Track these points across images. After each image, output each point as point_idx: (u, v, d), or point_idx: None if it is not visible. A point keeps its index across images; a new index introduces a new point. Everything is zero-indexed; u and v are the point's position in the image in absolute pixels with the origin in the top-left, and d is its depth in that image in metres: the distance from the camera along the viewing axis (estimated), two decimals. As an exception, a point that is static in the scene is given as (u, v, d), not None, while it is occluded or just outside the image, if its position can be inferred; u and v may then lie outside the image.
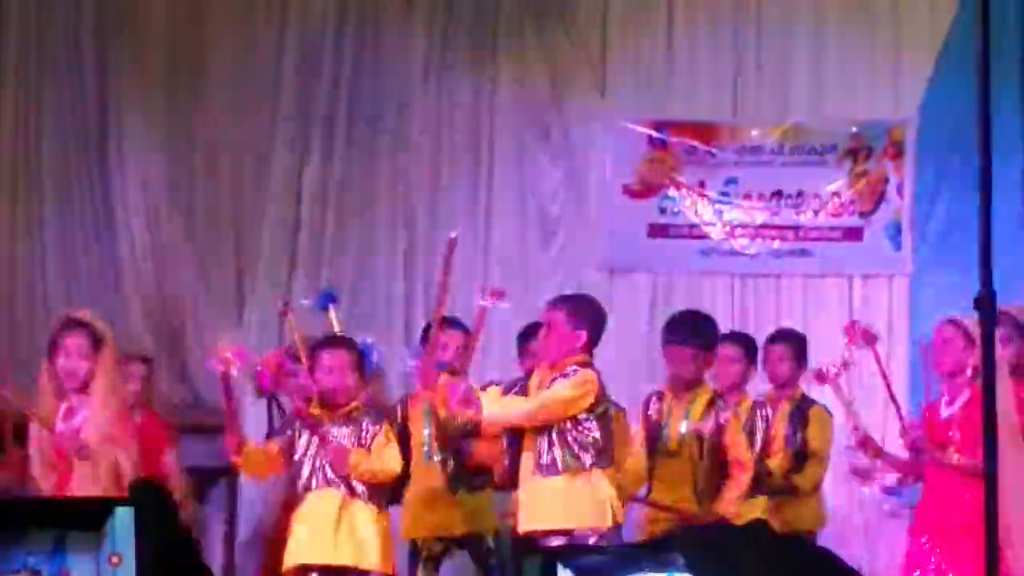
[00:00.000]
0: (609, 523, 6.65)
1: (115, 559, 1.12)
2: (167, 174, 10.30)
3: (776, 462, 7.95)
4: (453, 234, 7.26)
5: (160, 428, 7.80)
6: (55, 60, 10.14)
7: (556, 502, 6.69)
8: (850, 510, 9.50)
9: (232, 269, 10.37)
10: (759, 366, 8.29)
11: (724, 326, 10.08)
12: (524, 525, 6.81)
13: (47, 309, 9.89)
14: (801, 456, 8.10)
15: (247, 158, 10.41)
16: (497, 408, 6.81)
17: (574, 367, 6.79)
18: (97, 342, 6.71)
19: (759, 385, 8.43)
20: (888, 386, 7.42)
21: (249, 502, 9.60)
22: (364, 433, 6.93)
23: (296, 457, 6.95)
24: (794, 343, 8.40)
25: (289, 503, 7.26)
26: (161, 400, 8.62)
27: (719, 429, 7.30)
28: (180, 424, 8.32)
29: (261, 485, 8.65)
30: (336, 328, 7.46)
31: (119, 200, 10.17)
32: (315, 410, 6.98)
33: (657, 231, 10.28)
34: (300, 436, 6.97)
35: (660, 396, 7.48)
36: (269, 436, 7.35)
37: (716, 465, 7.28)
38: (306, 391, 7.02)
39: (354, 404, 7.01)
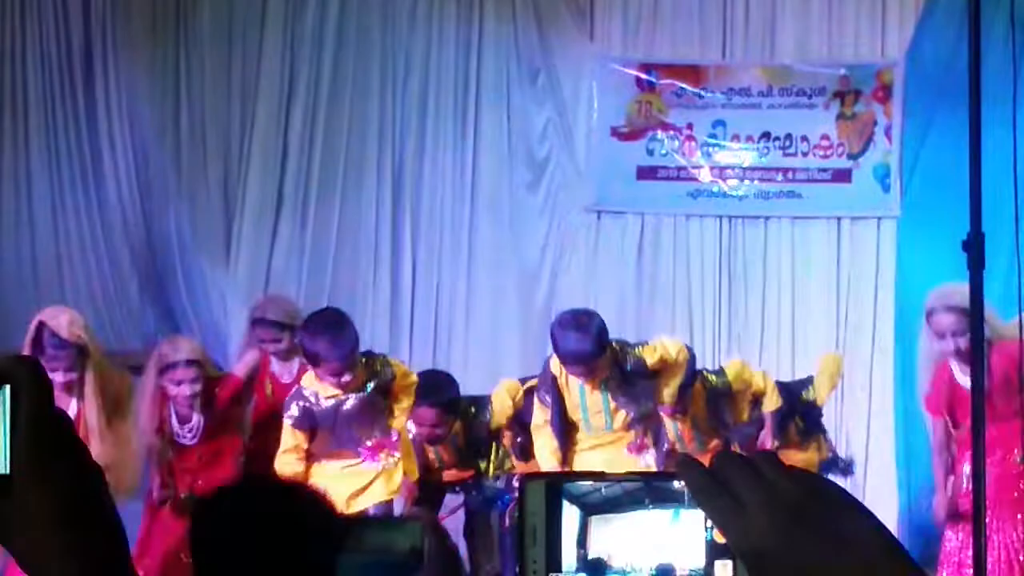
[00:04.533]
0: None
1: None
2: (153, 115, 10.26)
3: None
4: None
5: None
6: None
7: None
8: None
9: (220, 211, 10.35)
10: None
11: (712, 268, 10.15)
12: None
13: (34, 253, 9.88)
14: None
15: (234, 98, 10.36)
16: None
17: None
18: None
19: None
20: None
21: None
22: None
23: None
24: None
25: None
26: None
27: None
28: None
29: None
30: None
31: (106, 142, 10.13)
32: None
33: (645, 173, 10.28)
34: None
35: None
36: None
37: None
38: None
39: None
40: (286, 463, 7.01)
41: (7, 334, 7.36)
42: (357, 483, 7.03)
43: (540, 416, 7.22)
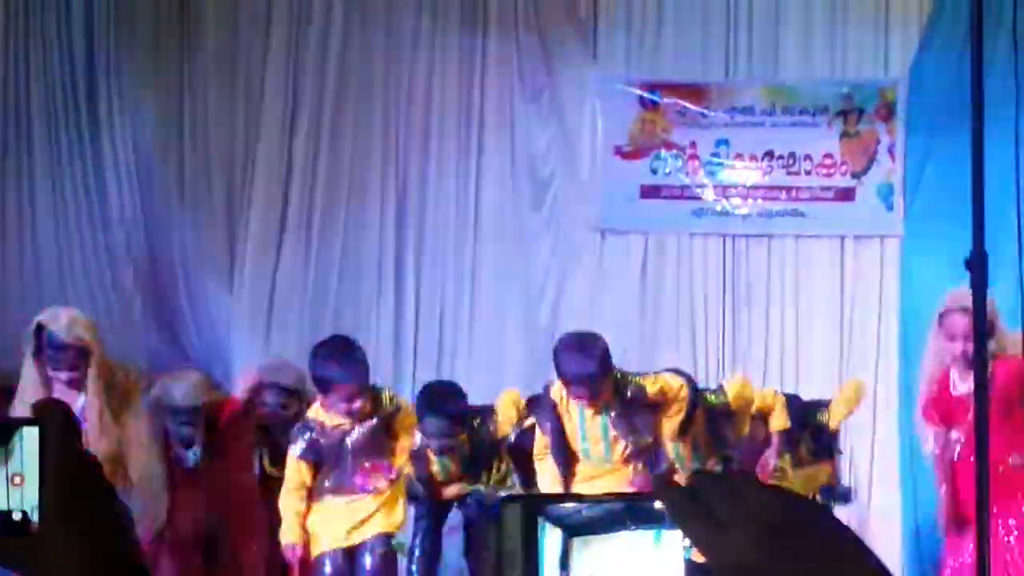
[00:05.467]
0: None
1: (17, 479, 1.11)
2: (157, 135, 10.27)
3: None
4: None
5: None
6: (41, 14, 10.08)
7: None
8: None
9: (224, 232, 10.35)
10: None
11: (716, 287, 10.14)
12: None
13: (38, 271, 9.88)
14: None
15: (237, 120, 10.37)
16: None
17: None
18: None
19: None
20: None
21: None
22: None
23: None
24: None
25: None
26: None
27: None
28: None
29: None
30: None
31: (109, 162, 10.13)
32: None
33: (648, 192, 10.28)
34: None
35: None
36: None
37: None
38: None
39: None
40: (290, 503, 6.96)
41: (11, 350, 7.35)
42: (358, 516, 7.00)
43: (540, 443, 7.19)
